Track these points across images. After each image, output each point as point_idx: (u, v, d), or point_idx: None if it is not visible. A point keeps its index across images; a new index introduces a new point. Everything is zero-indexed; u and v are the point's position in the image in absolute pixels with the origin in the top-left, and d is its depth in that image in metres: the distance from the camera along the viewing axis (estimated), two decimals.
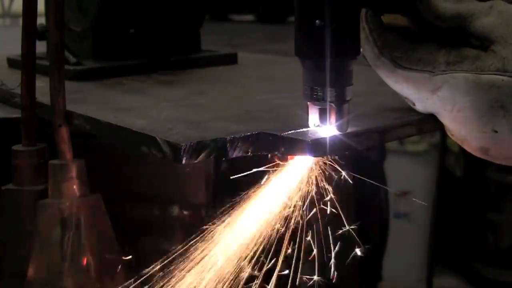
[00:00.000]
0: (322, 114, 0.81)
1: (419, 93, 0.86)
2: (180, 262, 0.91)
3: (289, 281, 0.93)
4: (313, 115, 0.82)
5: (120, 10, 1.35)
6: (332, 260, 0.92)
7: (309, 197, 0.91)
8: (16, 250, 1.04)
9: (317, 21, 0.76)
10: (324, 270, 0.92)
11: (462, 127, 0.84)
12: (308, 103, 0.82)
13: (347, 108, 0.81)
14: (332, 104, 0.80)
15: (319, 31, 0.77)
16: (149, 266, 0.92)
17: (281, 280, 0.93)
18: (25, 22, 1.05)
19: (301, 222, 0.91)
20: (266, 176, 0.90)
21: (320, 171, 0.90)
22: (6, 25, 4.33)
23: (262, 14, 3.15)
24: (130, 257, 1.03)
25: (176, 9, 1.43)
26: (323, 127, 0.81)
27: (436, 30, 0.85)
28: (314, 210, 0.91)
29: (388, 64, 0.86)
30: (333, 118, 0.81)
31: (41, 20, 1.20)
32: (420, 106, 0.89)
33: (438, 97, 0.84)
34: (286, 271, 0.92)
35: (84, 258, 0.98)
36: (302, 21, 0.79)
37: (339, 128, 0.81)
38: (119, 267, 1.04)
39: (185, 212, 1.28)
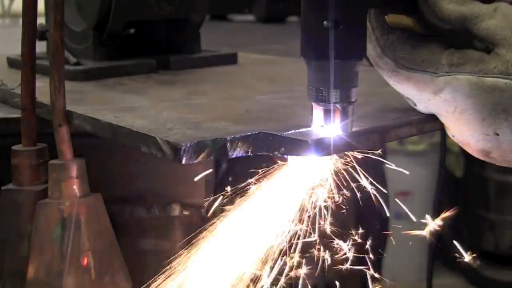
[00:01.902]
0: (327, 115, 0.81)
1: (421, 94, 0.85)
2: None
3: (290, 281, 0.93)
4: (318, 116, 0.82)
5: (120, 10, 1.35)
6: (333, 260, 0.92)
7: (310, 198, 0.91)
8: (16, 250, 1.03)
9: (324, 22, 0.76)
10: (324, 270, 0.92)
11: (463, 129, 0.84)
12: (313, 103, 0.82)
13: (351, 110, 0.81)
14: (337, 105, 0.80)
15: (326, 32, 0.76)
16: (149, 266, 0.92)
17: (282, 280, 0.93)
18: (25, 22, 1.05)
19: (301, 222, 0.91)
20: (266, 176, 0.90)
21: (321, 171, 0.90)
22: (6, 25, 4.33)
23: (262, 14, 3.15)
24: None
25: (176, 9, 1.43)
26: (324, 127, 0.81)
27: (439, 31, 0.84)
28: (315, 210, 0.91)
29: (390, 64, 0.86)
30: (337, 119, 0.80)
31: (41, 20, 1.20)
32: (421, 107, 0.88)
33: (441, 98, 0.83)
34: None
35: (84, 258, 0.98)
36: (309, 22, 0.78)
37: (344, 129, 0.80)
38: (119, 267, 1.04)
39: (185, 212, 1.28)
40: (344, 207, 0.91)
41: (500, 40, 0.79)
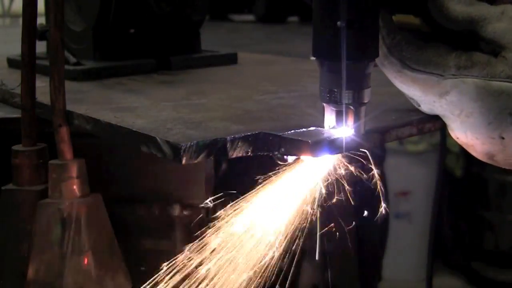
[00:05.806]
0: (339, 116, 0.80)
1: (426, 95, 0.85)
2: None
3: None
4: (329, 117, 0.81)
5: (120, 10, 1.35)
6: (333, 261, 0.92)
7: (309, 197, 0.91)
8: (16, 250, 1.03)
9: (338, 22, 0.76)
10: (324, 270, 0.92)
11: (469, 132, 0.83)
12: (324, 104, 0.81)
13: (364, 111, 0.81)
14: (350, 106, 0.79)
15: (340, 32, 0.76)
16: (149, 266, 0.92)
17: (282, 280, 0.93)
18: (25, 22, 1.05)
19: (301, 222, 0.91)
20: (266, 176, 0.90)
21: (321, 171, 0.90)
22: (6, 25, 4.33)
23: (262, 14, 3.16)
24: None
25: (176, 9, 1.43)
26: (336, 128, 0.81)
27: (447, 32, 0.84)
28: (315, 210, 0.91)
29: (396, 64, 0.85)
30: (350, 121, 0.80)
31: (41, 20, 1.20)
32: (425, 108, 0.88)
33: (446, 101, 0.83)
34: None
35: (84, 258, 0.98)
36: (322, 23, 0.78)
37: (356, 130, 0.80)
38: (119, 267, 1.04)
39: (185, 212, 1.28)
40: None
41: (507, 43, 0.79)
